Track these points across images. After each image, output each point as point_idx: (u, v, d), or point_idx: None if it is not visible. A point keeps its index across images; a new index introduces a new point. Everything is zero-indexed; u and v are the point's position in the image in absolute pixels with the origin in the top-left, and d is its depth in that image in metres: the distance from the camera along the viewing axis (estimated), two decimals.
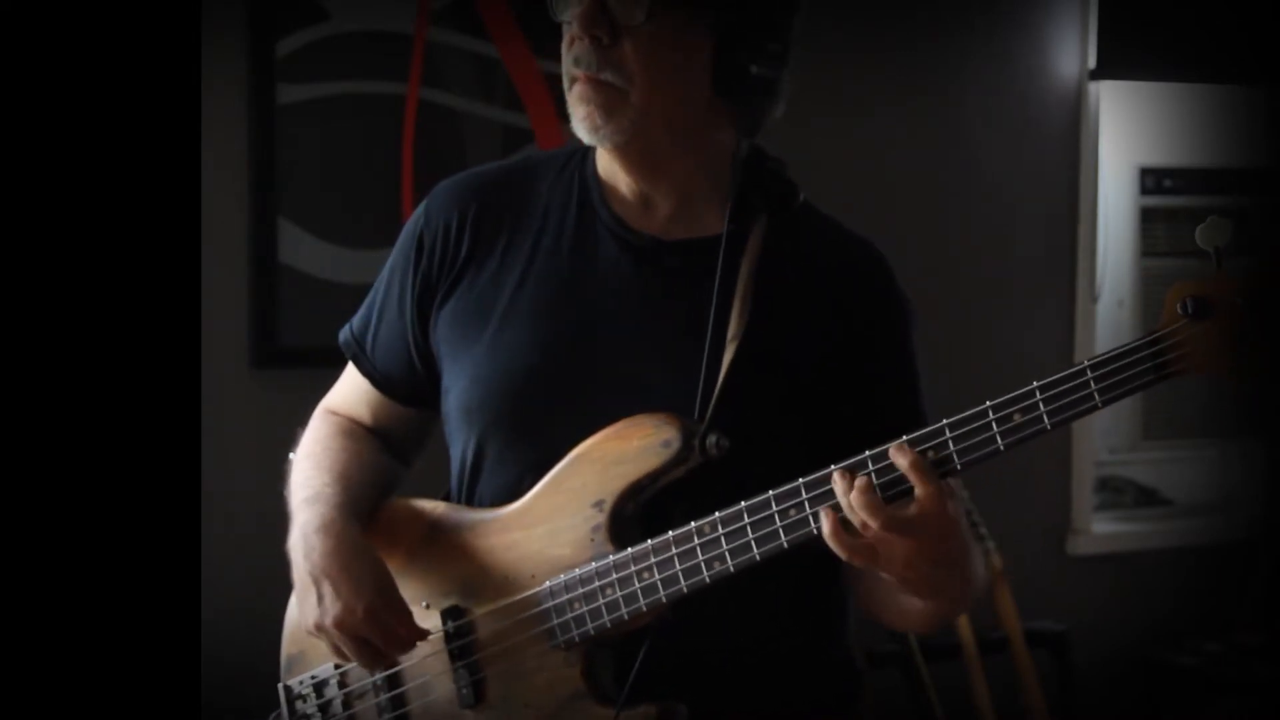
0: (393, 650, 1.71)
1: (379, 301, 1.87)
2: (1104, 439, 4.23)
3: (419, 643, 1.73)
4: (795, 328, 1.71)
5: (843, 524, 1.54)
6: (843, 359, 1.71)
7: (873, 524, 1.51)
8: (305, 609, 1.72)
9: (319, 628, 1.70)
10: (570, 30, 1.68)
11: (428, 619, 1.75)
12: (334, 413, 1.93)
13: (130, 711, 1.42)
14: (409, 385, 1.87)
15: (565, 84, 1.71)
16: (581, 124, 1.69)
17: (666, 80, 1.67)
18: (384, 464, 1.89)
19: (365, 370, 1.89)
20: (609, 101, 1.67)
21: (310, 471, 1.83)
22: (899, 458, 1.52)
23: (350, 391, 1.93)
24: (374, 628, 1.69)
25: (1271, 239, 4.04)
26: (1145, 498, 4.32)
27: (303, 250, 3.28)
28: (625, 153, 1.72)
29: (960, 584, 1.64)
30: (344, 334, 1.92)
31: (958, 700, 3.38)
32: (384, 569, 1.73)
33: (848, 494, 1.53)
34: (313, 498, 1.78)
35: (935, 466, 1.53)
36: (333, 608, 1.69)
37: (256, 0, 3.23)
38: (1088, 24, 3.95)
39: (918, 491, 1.52)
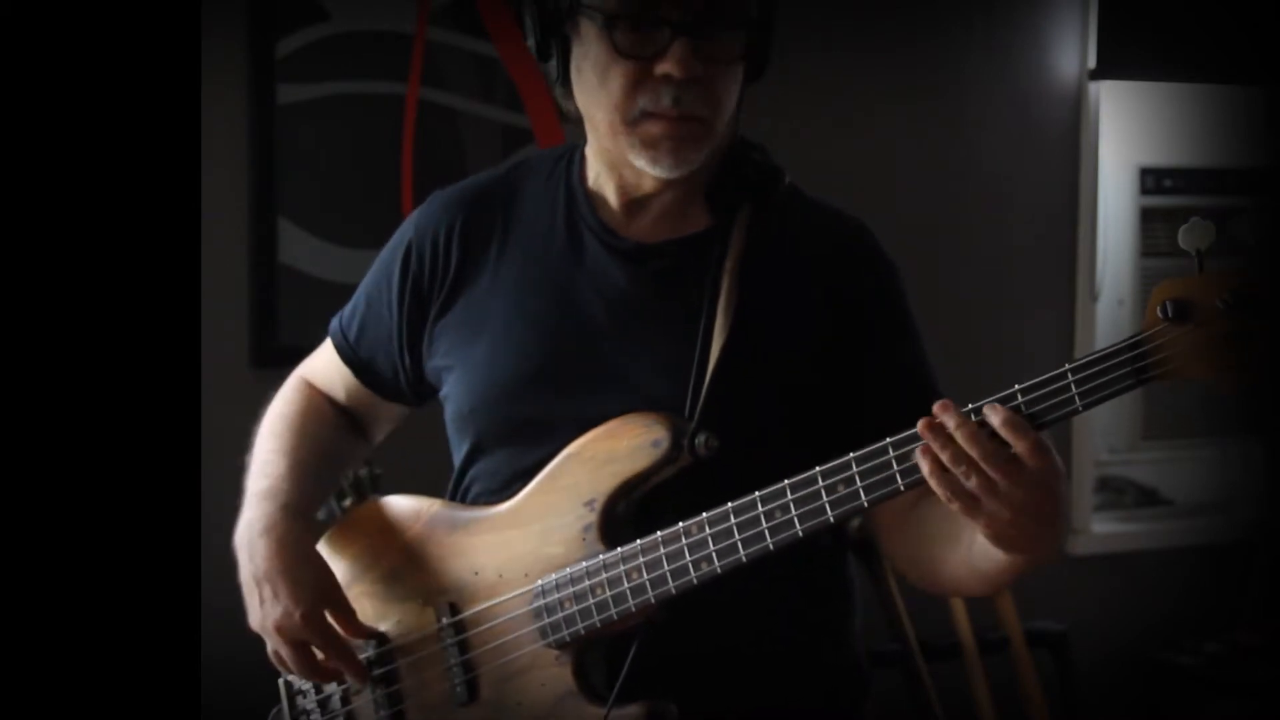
0: (332, 656, 1.72)
1: (367, 304, 1.89)
2: (1104, 439, 4.22)
3: (414, 640, 1.75)
4: (785, 318, 1.70)
5: (940, 466, 1.47)
6: (838, 340, 1.70)
7: (973, 453, 1.45)
8: (250, 611, 1.75)
9: (261, 630, 1.73)
10: (646, 68, 1.62)
11: (422, 616, 1.76)
12: (309, 384, 1.95)
13: (130, 711, 1.42)
14: (391, 386, 1.89)
15: (622, 118, 1.64)
16: (665, 158, 1.65)
17: (732, 101, 1.68)
18: (345, 449, 1.93)
19: (349, 362, 1.91)
20: (697, 135, 1.65)
21: (270, 455, 1.85)
22: (991, 416, 1.46)
23: (329, 369, 1.94)
24: (313, 633, 1.71)
25: (1261, 240, 4.03)
26: (1145, 498, 4.32)
27: (303, 250, 3.28)
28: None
29: (1055, 537, 1.52)
30: (333, 324, 1.94)
31: (958, 700, 3.38)
32: (327, 573, 1.75)
33: (959, 428, 1.46)
34: (265, 492, 1.80)
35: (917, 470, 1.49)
36: (273, 611, 1.71)
37: (256, 0, 3.23)
38: (1088, 24, 3.95)
39: (1018, 448, 1.46)
